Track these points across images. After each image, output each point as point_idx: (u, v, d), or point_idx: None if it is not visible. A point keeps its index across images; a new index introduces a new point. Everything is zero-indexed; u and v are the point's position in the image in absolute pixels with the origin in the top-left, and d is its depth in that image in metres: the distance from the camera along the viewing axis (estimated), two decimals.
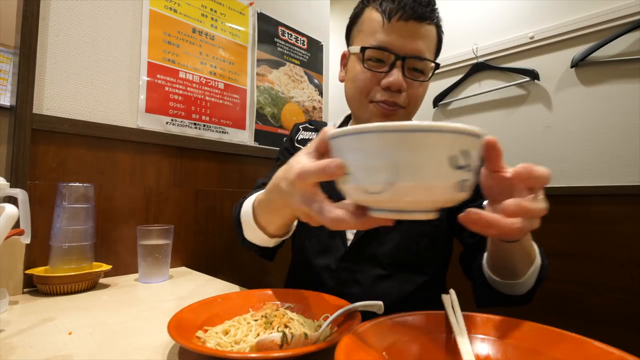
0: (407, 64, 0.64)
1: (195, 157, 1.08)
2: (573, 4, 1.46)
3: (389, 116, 0.66)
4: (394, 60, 0.63)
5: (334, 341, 0.37)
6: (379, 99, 0.65)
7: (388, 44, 0.63)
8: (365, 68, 0.65)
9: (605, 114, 1.37)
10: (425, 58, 0.64)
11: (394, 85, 0.63)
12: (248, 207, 0.60)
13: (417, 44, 0.63)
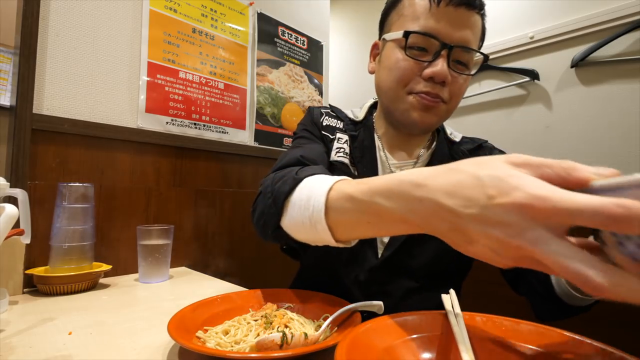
0: (452, 55, 0.58)
1: (195, 157, 1.08)
2: (573, 4, 1.46)
3: (430, 109, 0.61)
4: (440, 49, 0.57)
5: (334, 341, 0.37)
6: (421, 89, 0.60)
7: (435, 30, 0.57)
8: (407, 56, 0.59)
9: (605, 114, 1.37)
10: (473, 49, 0.59)
11: (439, 76, 0.58)
12: (317, 195, 0.42)
13: (465, 33, 0.58)
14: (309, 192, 0.44)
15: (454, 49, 0.57)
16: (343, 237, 0.42)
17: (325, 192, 0.41)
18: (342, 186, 0.41)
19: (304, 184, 0.46)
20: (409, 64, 0.60)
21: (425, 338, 0.40)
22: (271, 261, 1.24)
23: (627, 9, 1.31)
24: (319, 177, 0.46)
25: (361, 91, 2.28)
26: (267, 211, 0.49)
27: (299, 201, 0.44)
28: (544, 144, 1.53)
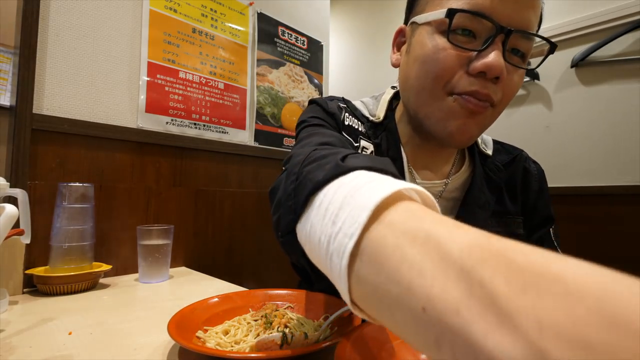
0: (509, 42, 0.44)
1: (195, 157, 1.08)
2: (573, 4, 1.46)
3: (475, 115, 0.47)
4: (495, 34, 0.43)
5: (334, 341, 0.37)
6: (466, 89, 0.45)
7: (488, 9, 0.43)
8: (451, 43, 0.44)
9: (605, 114, 1.37)
10: (537, 35, 0.46)
11: (493, 70, 0.43)
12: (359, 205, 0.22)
13: (527, 14, 0.44)
14: (347, 194, 0.23)
15: (512, 34, 0.43)
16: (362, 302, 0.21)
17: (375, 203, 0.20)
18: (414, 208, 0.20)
19: (349, 178, 0.25)
20: (453, 54, 0.45)
21: None
22: (271, 261, 1.24)
23: (627, 9, 1.31)
24: (376, 175, 0.24)
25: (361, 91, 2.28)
26: (284, 203, 0.31)
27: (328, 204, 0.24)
28: (544, 144, 1.53)
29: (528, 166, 0.62)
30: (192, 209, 1.06)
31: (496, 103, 0.47)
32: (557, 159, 1.49)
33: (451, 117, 0.47)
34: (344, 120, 0.56)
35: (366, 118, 0.58)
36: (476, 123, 0.48)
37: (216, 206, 1.12)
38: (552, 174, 1.51)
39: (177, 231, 0.92)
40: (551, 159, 1.51)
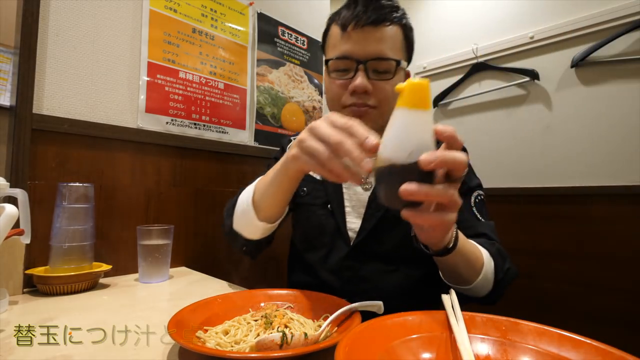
0: (369, 67, 0.67)
1: (195, 157, 1.08)
2: (573, 4, 1.46)
3: (362, 116, 0.68)
4: (356, 66, 0.67)
5: (334, 341, 0.37)
6: (349, 102, 0.69)
7: (348, 52, 0.68)
8: (333, 78, 0.71)
9: (605, 114, 1.37)
10: (386, 58, 0.67)
11: (358, 88, 0.67)
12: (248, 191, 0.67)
13: (376, 47, 0.66)
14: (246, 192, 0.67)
15: (368, 63, 0.67)
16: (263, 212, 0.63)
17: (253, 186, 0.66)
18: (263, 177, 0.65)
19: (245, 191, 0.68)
20: (337, 84, 0.71)
21: (425, 338, 0.40)
22: (271, 261, 1.24)
23: (627, 9, 1.31)
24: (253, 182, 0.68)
25: None
26: (224, 221, 0.74)
27: (240, 204, 0.67)
28: (544, 144, 1.53)
29: None
30: (192, 209, 1.06)
31: (376, 105, 0.69)
32: (557, 159, 1.49)
33: None
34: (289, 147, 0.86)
35: None
36: (367, 120, 0.66)
37: (216, 206, 1.12)
38: (552, 174, 1.51)
39: (177, 231, 0.92)
40: (551, 158, 1.51)
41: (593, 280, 1.34)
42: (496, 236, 0.70)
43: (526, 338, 0.38)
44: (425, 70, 1.95)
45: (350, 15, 0.67)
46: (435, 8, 1.91)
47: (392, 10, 0.69)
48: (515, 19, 1.63)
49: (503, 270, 0.63)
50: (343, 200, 0.76)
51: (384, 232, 0.71)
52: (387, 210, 0.70)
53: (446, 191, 0.38)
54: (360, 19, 0.66)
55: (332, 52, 0.72)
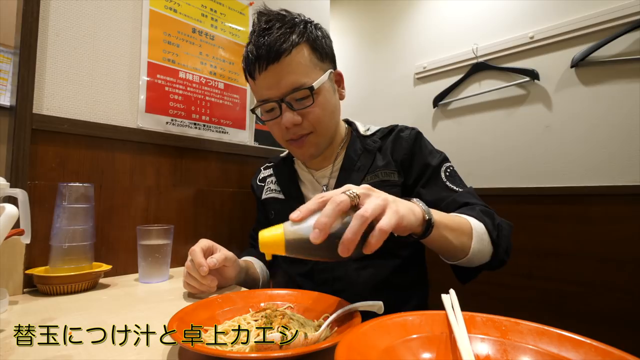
0: (290, 100, 0.69)
1: (195, 157, 1.08)
2: (573, 4, 1.46)
3: (302, 146, 0.75)
4: (278, 105, 0.70)
5: (334, 341, 0.37)
6: (287, 137, 0.74)
7: (264, 96, 0.71)
8: (266, 122, 0.76)
9: (605, 114, 1.37)
10: (299, 87, 0.68)
11: (288, 124, 0.70)
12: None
13: (287, 80, 0.68)
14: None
15: (286, 99, 0.69)
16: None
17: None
18: None
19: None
20: (270, 125, 0.76)
21: (425, 338, 0.40)
22: None
23: (627, 9, 1.31)
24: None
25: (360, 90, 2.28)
26: None
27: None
28: (544, 144, 1.53)
29: (401, 133, 0.81)
30: (192, 209, 1.06)
31: (312, 130, 0.73)
32: (557, 159, 1.49)
33: (294, 150, 0.79)
34: (257, 181, 0.99)
35: (280, 158, 0.96)
36: (308, 147, 0.75)
37: (216, 206, 1.12)
38: (552, 174, 1.51)
39: (177, 231, 0.92)
40: (551, 159, 1.51)
41: (593, 280, 1.34)
42: (478, 199, 0.71)
43: (526, 338, 0.38)
44: (425, 70, 1.96)
45: (251, 62, 0.70)
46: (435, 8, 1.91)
47: (285, 35, 0.68)
48: (515, 19, 1.63)
49: (495, 227, 0.63)
50: None
51: None
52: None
53: (359, 223, 0.40)
54: (261, 63, 0.68)
55: (255, 98, 0.76)
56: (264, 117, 0.75)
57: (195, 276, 0.66)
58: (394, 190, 0.73)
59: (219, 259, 0.67)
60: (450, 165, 0.77)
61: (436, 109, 1.91)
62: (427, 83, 1.97)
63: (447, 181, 0.73)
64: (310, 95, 0.70)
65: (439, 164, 0.75)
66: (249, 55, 0.71)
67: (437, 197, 0.72)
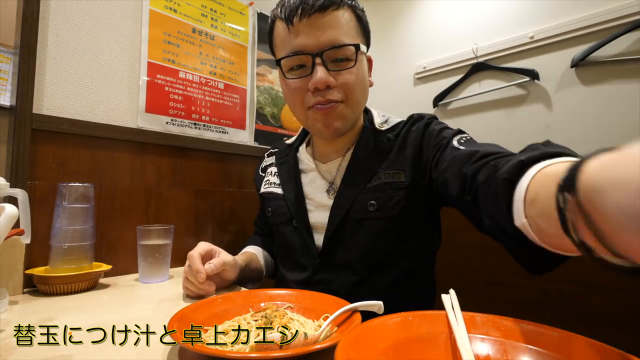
0: (327, 58, 0.62)
1: (195, 157, 1.08)
2: (573, 4, 1.46)
3: (329, 115, 0.65)
4: (312, 60, 0.62)
5: (334, 341, 0.37)
6: (313, 102, 0.64)
7: (299, 46, 0.62)
8: (289, 79, 0.65)
9: (605, 114, 1.37)
10: (342, 44, 0.61)
11: (319, 84, 0.61)
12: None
13: (329, 35, 0.61)
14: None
15: (325, 53, 0.61)
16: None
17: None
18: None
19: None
20: (295, 85, 0.65)
21: (425, 338, 0.40)
22: None
23: (627, 9, 1.31)
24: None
25: None
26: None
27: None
28: None
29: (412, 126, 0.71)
30: (192, 209, 1.06)
31: (343, 99, 0.64)
32: None
33: (315, 122, 0.67)
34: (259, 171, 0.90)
35: (286, 144, 0.86)
36: (335, 119, 0.66)
37: (216, 206, 1.12)
38: None
39: (177, 231, 0.92)
40: None
41: (593, 280, 1.34)
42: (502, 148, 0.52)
43: (526, 338, 0.38)
44: (425, 70, 1.95)
45: (293, 6, 0.61)
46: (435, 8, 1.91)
47: None
48: (515, 19, 1.63)
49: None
50: (307, 215, 0.73)
51: (346, 235, 0.68)
52: (347, 213, 0.67)
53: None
54: (305, 7, 0.60)
55: (282, 51, 0.65)
56: (290, 74, 0.65)
57: (193, 281, 0.66)
58: (399, 193, 0.65)
59: (217, 264, 0.67)
60: (467, 135, 0.65)
61: (436, 109, 1.91)
62: (427, 83, 1.97)
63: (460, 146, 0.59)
64: (352, 59, 0.63)
65: (452, 136, 0.63)
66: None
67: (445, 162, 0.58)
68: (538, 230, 0.33)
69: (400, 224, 0.66)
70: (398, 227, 0.67)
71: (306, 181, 0.76)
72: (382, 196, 0.66)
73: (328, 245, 0.69)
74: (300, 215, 0.73)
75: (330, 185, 0.73)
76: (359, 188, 0.68)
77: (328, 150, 0.76)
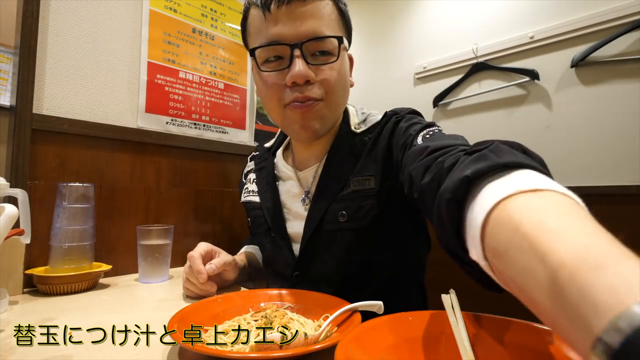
0: (306, 50, 0.56)
1: (195, 157, 1.08)
2: (573, 4, 1.46)
3: (306, 114, 0.58)
4: (291, 51, 0.55)
5: (334, 341, 0.37)
6: (290, 99, 0.57)
7: (277, 36, 0.55)
8: (263, 72, 0.58)
9: (605, 114, 1.37)
10: (324, 36, 0.56)
11: (298, 77, 0.55)
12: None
13: (309, 25, 0.55)
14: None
15: (304, 45, 0.55)
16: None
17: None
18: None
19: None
20: (270, 79, 0.58)
21: (425, 338, 0.40)
22: None
23: (627, 9, 1.31)
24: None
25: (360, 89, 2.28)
26: None
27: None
28: (544, 144, 1.53)
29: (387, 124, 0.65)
30: (192, 209, 1.06)
31: (322, 97, 0.58)
32: (556, 159, 1.49)
33: (292, 122, 0.60)
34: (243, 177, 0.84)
35: (265, 148, 0.81)
36: (312, 118, 0.59)
37: (216, 206, 1.12)
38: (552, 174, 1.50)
39: (177, 231, 0.92)
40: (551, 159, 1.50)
41: None
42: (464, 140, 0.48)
43: (525, 338, 0.38)
44: (425, 70, 1.95)
45: None
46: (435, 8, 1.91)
47: None
48: (515, 19, 1.63)
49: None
50: (284, 225, 0.68)
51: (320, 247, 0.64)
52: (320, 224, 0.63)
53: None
54: None
55: (256, 40, 0.58)
56: (265, 66, 0.58)
57: (194, 282, 0.66)
58: (369, 202, 0.60)
59: (218, 265, 0.66)
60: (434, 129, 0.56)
61: (436, 109, 1.91)
62: (427, 83, 1.97)
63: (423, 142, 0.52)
64: (334, 53, 0.58)
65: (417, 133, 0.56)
66: None
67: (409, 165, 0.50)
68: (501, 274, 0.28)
69: (373, 233, 0.62)
70: (371, 238, 0.62)
71: (283, 189, 0.71)
72: (351, 205, 0.62)
73: (303, 258, 0.65)
74: (277, 226, 0.69)
75: (306, 195, 0.68)
76: (331, 198, 0.63)
77: (306, 155, 0.71)
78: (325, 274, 0.64)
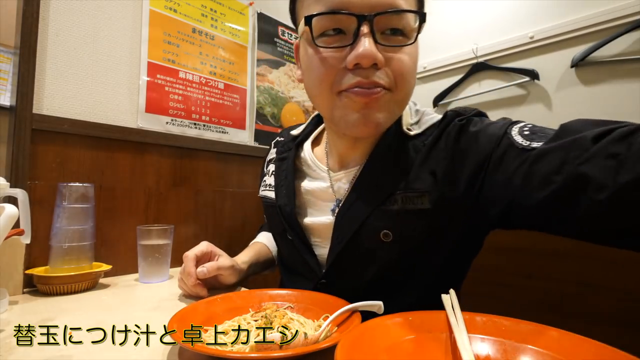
0: (377, 25, 0.44)
1: (195, 157, 1.08)
2: (573, 4, 1.46)
3: (371, 104, 0.47)
4: (358, 24, 0.43)
5: (334, 341, 0.37)
6: (350, 84, 0.46)
7: (343, 3, 0.44)
8: (319, 47, 0.46)
9: (605, 114, 1.37)
10: (402, 10, 0.44)
11: (366, 58, 0.43)
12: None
13: None
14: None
15: (376, 18, 0.43)
16: None
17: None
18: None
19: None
20: (325, 56, 0.46)
21: (425, 338, 0.40)
22: None
23: (627, 9, 1.31)
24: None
25: None
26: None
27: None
28: None
29: (447, 127, 0.53)
30: (192, 209, 1.06)
31: (390, 86, 0.47)
32: None
33: (348, 112, 0.48)
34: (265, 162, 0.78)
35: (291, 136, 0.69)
36: (378, 110, 0.47)
37: (216, 206, 1.12)
38: None
39: (177, 231, 0.92)
40: None
41: (593, 280, 1.34)
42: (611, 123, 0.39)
43: (526, 338, 0.38)
44: (425, 70, 1.95)
45: None
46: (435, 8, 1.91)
47: None
48: (515, 19, 1.63)
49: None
50: (301, 228, 0.60)
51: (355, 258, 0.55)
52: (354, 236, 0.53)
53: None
54: None
55: (313, 7, 0.46)
56: (321, 41, 0.46)
57: (186, 282, 0.66)
58: (421, 222, 0.51)
59: (210, 269, 0.64)
60: (527, 124, 0.47)
61: (436, 109, 1.91)
62: (427, 83, 1.97)
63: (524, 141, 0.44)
64: (410, 35, 0.46)
65: (504, 133, 0.46)
66: None
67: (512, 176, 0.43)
68: None
69: (421, 254, 0.53)
70: (418, 257, 0.54)
71: (308, 188, 0.61)
72: (398, 225, 0.51)
73: (332, 270, 0.57)
74: (294, 229, 0.60)
75: (337, 204, 0.57)
76: (368, 209, 0.52)
77: (348, 154, 0.58)
78: (357, 285, 0.56)
